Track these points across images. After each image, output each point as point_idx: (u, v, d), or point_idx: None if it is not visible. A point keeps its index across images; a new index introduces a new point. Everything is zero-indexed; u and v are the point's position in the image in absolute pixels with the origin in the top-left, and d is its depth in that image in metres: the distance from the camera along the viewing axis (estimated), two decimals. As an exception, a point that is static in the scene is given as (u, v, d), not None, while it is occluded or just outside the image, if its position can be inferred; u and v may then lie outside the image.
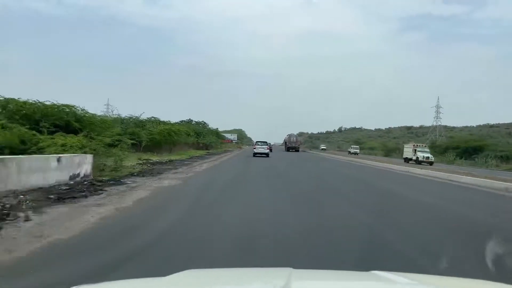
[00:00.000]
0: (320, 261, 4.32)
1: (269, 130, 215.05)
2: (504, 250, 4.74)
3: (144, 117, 33.41)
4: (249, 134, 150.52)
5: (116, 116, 28.97)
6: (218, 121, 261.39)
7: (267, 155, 35.41)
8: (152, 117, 34.68)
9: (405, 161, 40.03)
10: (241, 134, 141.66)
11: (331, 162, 35.30)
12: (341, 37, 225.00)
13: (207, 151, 43.48)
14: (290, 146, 65.98)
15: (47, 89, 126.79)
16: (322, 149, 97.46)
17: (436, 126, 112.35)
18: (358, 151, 68.87)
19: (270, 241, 5.11)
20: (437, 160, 44.35)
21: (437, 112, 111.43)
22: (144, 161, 19.85)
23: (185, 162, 22.00)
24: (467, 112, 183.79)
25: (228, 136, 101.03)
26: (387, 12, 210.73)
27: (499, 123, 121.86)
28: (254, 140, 44.74)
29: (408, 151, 42.53)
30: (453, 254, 4.86)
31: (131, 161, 19.32)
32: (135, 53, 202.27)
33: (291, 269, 1.64)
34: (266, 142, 38.40)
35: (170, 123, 34.05)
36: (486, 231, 6.45)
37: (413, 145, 42.53)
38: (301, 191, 11.58)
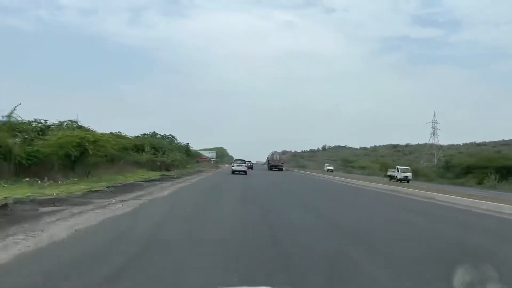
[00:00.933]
0: None
1: (252, 149, 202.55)
2: None
3: (55, 121, 21.34)
4: (231, 152, 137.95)
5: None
6: (200, 140, 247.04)
7: (245, 172, 38.18)
8: (69, 120, 22.47)
9: None
10: (222, 153, 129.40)
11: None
12: (322, 57, 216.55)
13: (164, 173, 31.31)
14: (273, 164, 59.15)
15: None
16: (329, 169, 76.36)
17: (433, 144, 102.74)
18: (409, 175, 41.98)
19: None
20: (478, 186, 33.65)
21: (434, 128, 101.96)
22: None
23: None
24: (451, 131, 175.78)
25: (205, 154, 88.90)
26: (367, 33, 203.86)
27: (486, 141, 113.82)
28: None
29: None
30: None
31: None
32: (115, 70, 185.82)
33: None
34: (244, 160, 40.98)
35: (88, 130, 21.55)
36: None
37: None
38: None
